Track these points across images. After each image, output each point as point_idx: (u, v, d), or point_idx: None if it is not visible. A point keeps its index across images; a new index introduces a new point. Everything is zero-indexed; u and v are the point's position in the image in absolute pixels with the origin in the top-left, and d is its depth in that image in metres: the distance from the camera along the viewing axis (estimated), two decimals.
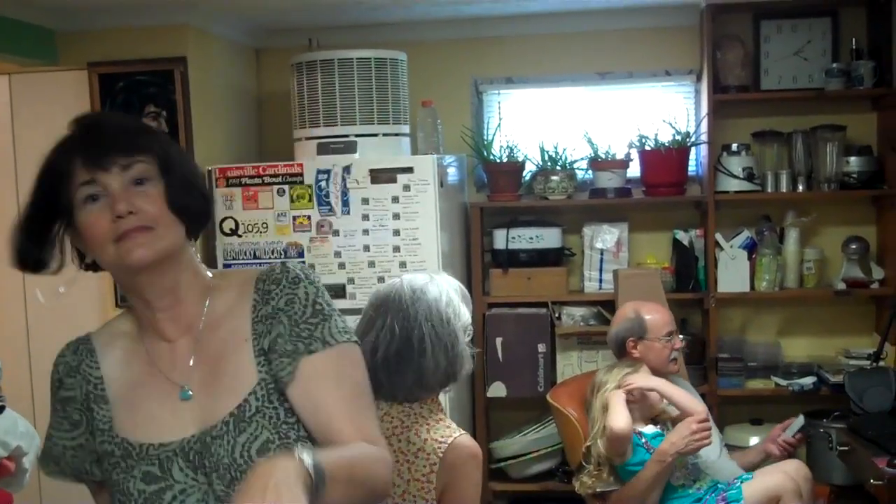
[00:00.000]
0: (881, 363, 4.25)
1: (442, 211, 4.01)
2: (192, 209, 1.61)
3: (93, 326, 1.74)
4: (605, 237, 4.57)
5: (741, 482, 3.38)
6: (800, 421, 3.82)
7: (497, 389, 4.47)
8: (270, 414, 1.57)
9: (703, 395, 4.15)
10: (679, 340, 3.70)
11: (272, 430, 1.56)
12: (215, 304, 1.65)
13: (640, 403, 3.43)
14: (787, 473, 3.39)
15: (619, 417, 3.33)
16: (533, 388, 4.45)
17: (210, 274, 1.70)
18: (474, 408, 4.61)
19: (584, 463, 3.52)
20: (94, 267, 1.63)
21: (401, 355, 2.32)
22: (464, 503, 2.31)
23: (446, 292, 2.39)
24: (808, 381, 4.42)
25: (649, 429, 3.44)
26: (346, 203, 4.00)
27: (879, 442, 3.65)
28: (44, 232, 1.58)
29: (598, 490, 3.47)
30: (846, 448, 3.92)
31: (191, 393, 1.61)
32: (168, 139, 1.67)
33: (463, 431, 2.38)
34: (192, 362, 1.62)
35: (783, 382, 4.46)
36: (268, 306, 1.61)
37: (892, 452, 3.50)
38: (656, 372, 3.54)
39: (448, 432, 2.34)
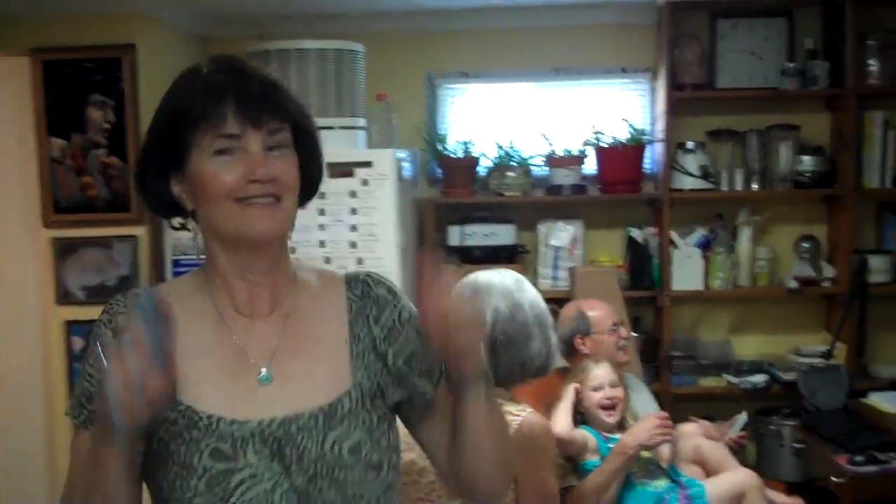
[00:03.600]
0: (833, 361, 4.30)
1: (400, 206, 3.93)
2: (315, 182, 1.58)
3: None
4: (560, 234, 4.54)
5: (702, 483, 3.36)
6: (742, 418, 3.81)
7: None
8: (364, 417, 1.51)
9: (655, 394, 4.14)
10: (625, 330, 3.66)
11: (365, 432, 1.51)
12: (302, 292, 1.57)
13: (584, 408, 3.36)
14: (749, 472, 3.38)
15: (558, 421, 3.25)
16: None
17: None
18: None
19: None
20: (184, 223, 1.56)
21: (508, 336, 2.32)
22: (545, 481, 2.34)
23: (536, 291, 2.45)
24: (760, 378, 4.45)
25: (619, 436, 3.39)
26: None
27: (837, 440, 3.68)
28: (164, 174, 1.51)
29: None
30: (802, 446, 3.95)
31: (271, 377, 1.51)
32: (304, 103, 1.56)
33: (531, 409, 2.40)
34: (276, 348, 1.53)
35: (735, 380, 4.47)
36: (374, 311, 1.58)
37: (851, 450, 3.54)
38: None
39: (517, 409, 2.35)
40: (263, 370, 1.50)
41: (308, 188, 1.55)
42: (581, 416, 3.35)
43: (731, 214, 4.59)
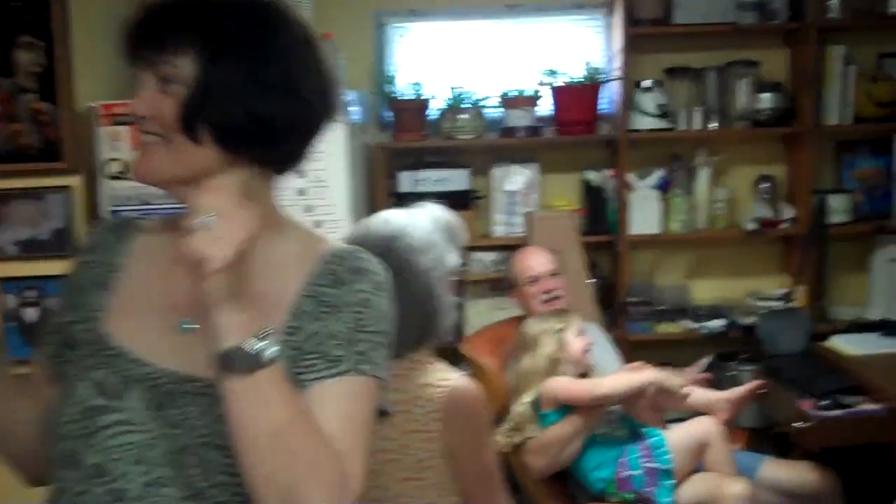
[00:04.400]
0: (792, 304, 4.23)
1: (350, 153, 3.76)
2: (226, 128, 1.30)
3: None
4: (515, 179, 4.40)
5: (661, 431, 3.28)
6: (706, 361, 3.74)
7: None
8: None
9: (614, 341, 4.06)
10: (553, 281, 3.52)
11: None
12: (269, 249, 1.38)
13: (565, 356, 3.28)
14: (710, 420, 3.30)
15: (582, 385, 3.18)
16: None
17: (281, 215, 1.44)
18: None
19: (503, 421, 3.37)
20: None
21: None
22: (482, 454, 2.14)
23: (427, 235, 2.11)
24: (719, 323, 4.36)
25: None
26: None
27: (799, 384, 3.60)
28: None
29: (516, 442, 3.32)
30: (764, 391, 3.88)
31: (190, 328, 1.34)
32: (226, 29, 1.31)
33: (461, 373, 2.18)
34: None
35: (693, 325, 4.39)
36: (331, 290, 1.35)
37: (815, 395, 3.46)
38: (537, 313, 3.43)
39: (445, 375, 2.13)
40: (187, 320, 1.35)
41: (233, 137, 1.31)
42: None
43: (689, 155, 4.47)
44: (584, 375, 3.32)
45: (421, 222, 2.14)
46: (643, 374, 3.18)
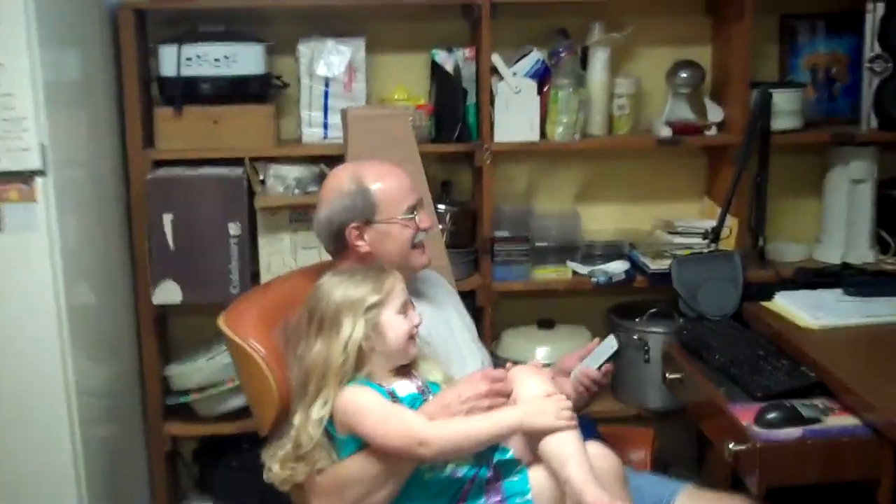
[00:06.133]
0: (720, 242, 3.20)
1: (53, 13, 2.45)
2: None
3: None
4: (332, 59, 3.20)
5: (525, 466, 2.10)
6: (610, 345, 2.48)
7: (168, 292, 3.06)
8: None
9: (471, 295, 3.05)
10: (427, 216, 2.45)
11: None
12: None
13: (379, 346, 2.14)
14: (604, 451, 2.14)
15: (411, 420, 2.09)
16: (223, 289, 3.09)
17: None
18: (138, 319, 3.21)
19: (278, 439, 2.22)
20: None
21: None
22: None
23: None
24: (618, 268, 3.30)
25: (403, 387, 2.15)
26: None
27: (736, 377, 2.42)
28: None
29: (298, 479, 2.16)
30: (678, 376, 2.71)
31: None
32: None
33: None
34: None
35: (584, 270, 3.30)
36: None
37: (759, 396, 2.29)
38: (396, 268, 2.29)
39: None
40: None
41: None
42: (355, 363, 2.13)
43: (580, 30, 3.33)
44: (405, 368, 2.21)
45: None
46: (504, 420, 2.09)
